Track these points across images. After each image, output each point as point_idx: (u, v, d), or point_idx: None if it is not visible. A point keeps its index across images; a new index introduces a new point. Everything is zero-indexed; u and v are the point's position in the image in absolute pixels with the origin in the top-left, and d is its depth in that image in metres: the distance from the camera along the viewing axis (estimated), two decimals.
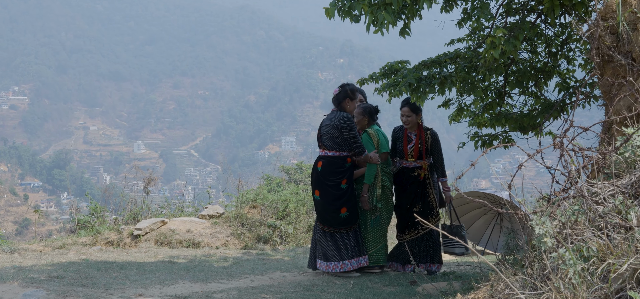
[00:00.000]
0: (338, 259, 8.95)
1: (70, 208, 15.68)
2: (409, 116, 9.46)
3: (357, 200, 9.20)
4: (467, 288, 6.22)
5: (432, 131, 9.63)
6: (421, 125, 9.56)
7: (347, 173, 9.04)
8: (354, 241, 9.04)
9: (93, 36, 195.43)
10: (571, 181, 4.62)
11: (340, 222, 8.97)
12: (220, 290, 7.81)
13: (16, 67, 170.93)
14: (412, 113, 9.44)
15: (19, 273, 8.50)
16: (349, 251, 8.99)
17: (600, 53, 5.59)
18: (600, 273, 3.87)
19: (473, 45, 9.10)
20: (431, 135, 9.58)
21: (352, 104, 9.15)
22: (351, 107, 9.15)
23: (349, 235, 9.06)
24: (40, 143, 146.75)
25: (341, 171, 8.95)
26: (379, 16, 6.97)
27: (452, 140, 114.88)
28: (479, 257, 4.65)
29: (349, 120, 8.95)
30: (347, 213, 8.97)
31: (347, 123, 8.91)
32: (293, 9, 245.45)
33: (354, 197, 9.12)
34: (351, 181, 9.08)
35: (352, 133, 8.90)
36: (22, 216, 58.06)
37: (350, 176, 9.09)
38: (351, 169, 9.11)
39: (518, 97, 9.79)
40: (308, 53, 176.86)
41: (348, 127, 8.90)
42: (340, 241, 8.99)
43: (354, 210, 9.06)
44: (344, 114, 9.00)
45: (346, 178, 9.02)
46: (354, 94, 9.14)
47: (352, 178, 9.12)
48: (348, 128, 8.90)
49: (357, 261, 9.05)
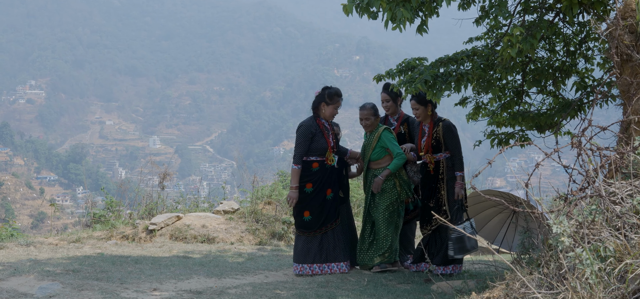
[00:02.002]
0: (299, 261, 8.90)
1: (85, 202, 15.73)
2: (416, 109, 9.07)
3: (330, 208, 8.99)
4: (482, 286, 6.20)
5: (444, 122, 9.11)
6: (433, 117, 9.12)
7: (313, 178, 8.93)
8: (318, 247, 8.89)
9: (110, 31, 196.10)
10: (589, 181, 4.59)
11: (303, 225, 8.95)
12: (234, 286, 7.82)
13: (33, 62, 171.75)
14: (420, 106, 9.01)
15: (34, 266, 8.53)
16: (311, 256, 8.87)
17: (619, 52, 5.55)
18: (618, 274, 3.85)
19: (490, 43, 9.06)
20: (443, 127, 9.06)
21: (329, 109, 9.02)
22: (328, 111, 9.03)
23: (313, 239, 8.92)
24: (56, 137, 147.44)
25: (306, 175, 8.91)
26: (397, 13, 6.95)
27: (468, 138, 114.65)
28: (494, 255, 4.64)
29: (300, 127, 9.00)
30: (309, 218, 8.90)
31: (298, 129, 9.00)
32: (310, 5, 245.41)
33: (323, 203, 8.95)
34: (319, 186, 8.93)
35: (297, 140, 8.96)
36: (38, 209, 58.28)
37: (318, 181, 8.94)
38: (319, 174, 8.95)
39: (536, 96, 9.74)
40: (324, 50, 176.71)
41: (297, 134, 9.00)
42: (304, 244, 8.93)
43: (319, 215, 8.91)
44: (302, 122, 9.07)
45: (312, 183, 8.92)
46: (332, 98, 9.00)
47: (323, 183, 8.95)
48: (297, 134, 9.00)
49: (320, 267, 8.88)
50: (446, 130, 9.02)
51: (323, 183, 8.96)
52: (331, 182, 9.04)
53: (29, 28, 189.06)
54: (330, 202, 8.99)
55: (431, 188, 9.15)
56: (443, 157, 9.04)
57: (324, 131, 9.02)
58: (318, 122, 9.04)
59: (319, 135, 8.98)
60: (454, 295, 6.53)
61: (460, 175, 9.07)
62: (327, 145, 9.00)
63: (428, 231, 9.17)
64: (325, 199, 8.96)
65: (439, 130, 9.02)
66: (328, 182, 9.00)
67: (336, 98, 9.02)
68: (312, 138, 8.97)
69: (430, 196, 9.14)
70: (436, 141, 9.03)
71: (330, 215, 8.99)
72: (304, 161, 8.94)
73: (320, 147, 8.93)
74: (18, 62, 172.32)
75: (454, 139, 9.06)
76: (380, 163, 9.20)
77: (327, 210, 8.98)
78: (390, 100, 9.65)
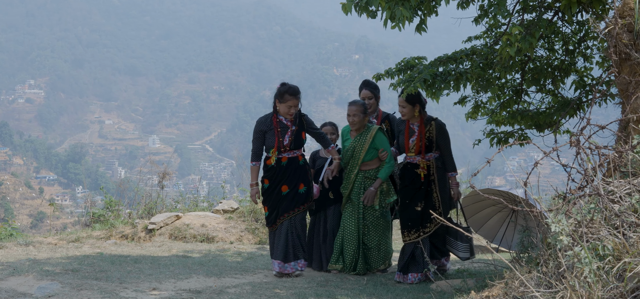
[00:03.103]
0: (272, 257, 8.90)
1: (85, 201, 15.72)
2: (403, 107, 8.67)
3: (285, 202, 8.75)
4: (481, 285, 6.20)
5: (436, 121, 8.79)
6: (423, 116, 8.73)
7: (268, 174, 8.84)
8: (273, 243, 8.81)
9: (109, 30, 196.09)
10: (587, 180, 4.60)
11: (266, 220, 8.97)
12: (234, 285, 7.82)
13: (32, 61, 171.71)
14: (407, 104, 8.64)
15: (34, 265, 8.53)
16: (272, 251, 8.86)
17: (617, 51, 5.56)
18: (616, 272, 3.85)
19: (489, 42, 9.06)
20: (436, 126, 8.72)
21: (282, 107, 8.77)
22: (281, 109, 8.79)
23: (272, 235, 8.86)
24: (55, 136, 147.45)
25: (264, 171, 8.93)
26: (396, 12, 6.95)
27: (467, 137, 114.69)
28: (493, 254, 4.65)
29: (255, 124, 8.93)
30: (267, 213, 8.87)
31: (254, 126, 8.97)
32: (309, 4, 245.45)
33: (278, 199, 8.78)
34: (275, 183, 8.79)
35: (252, 137, 8.95)
36: (37, 209, 58.36)
37: (272, 177, 8.81)
38: (273, 170, 8.81)
39: (535, 95, 9.75)
40: (324, 49, 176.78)
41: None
42: (271, 239, 8.93)
43: (274, 211, 8.79)
44: (259, 118, 9.01)
45: (268, 179, 8.85)
46: (282, 97, 8.76)
47: (279, 180, 8.78)
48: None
49: (278, 263, 8.71)
50: (439, 130, 8.75)
51: (278, 179, 8.80)
52: (288, 178, 8.80)
53: (28, 27, 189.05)
54: (285, 198, 8.76)
55: (419, 190, 8.72)
56: (432, 157, 8.74)
57: (276, 128, 8.80)
58: (273, 118, 8.84)
59: (270, 133, 8.81)
60: (454, 294, 6.53)
61: (454, 175, 8.91)
62: (274, 143, 8.78)
63: (414, 238, 8.66)
64: (280, 195, 8.78)
65: (431, 130, 8.71)
66: (283, 179, 8.80)
67: (287, 97, 8.74)
68: (265, 135, 8.84)
69: (418, 199, 8.67)
70: (428, 141, 8.72)
71: (284, 208, 8.76)
72: (265, 157, 8.90)
73: (270, 144, 8.78)
74: (17, 61, 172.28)
75: (446, 139, 8.83)
76: (372, 165, 9.03)
77: (282, 205, 8.78)
78: (372, 98, 9.48)
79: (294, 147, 8.85)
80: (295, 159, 8.88)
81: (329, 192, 9.31)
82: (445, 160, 8.79)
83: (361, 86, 9.63)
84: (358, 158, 9.00)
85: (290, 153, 8.84)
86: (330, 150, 9.14)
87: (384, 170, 8.91)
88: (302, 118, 8.97)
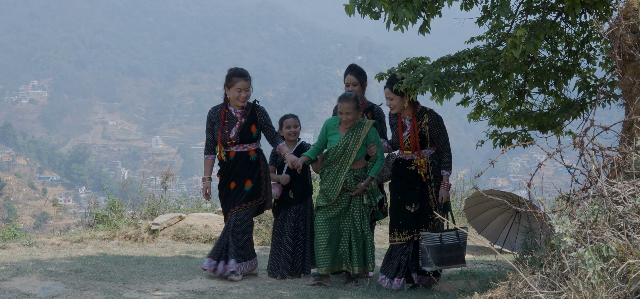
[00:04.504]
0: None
1: (88, 202, 15.76)
2: (391, 99, 8.00)
3: (232, 197, 8.22)
4: (484, 286, 6.20)
5: (431, 113, 8.06)
6: (415, 108, 8.07)
7: (220, 169, 8.38)
8: (226, 243, 8.18)
9: (112, 31, 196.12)
10: (591, 181, 4.59)
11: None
12: (237, 286, 7.82)
13: (36, 62, 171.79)
14: (395, 95, 7.97)
15: (37, 266, 8.54)
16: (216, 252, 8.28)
17: (621, 52, 5.55)
18: (620, 273, 3.85)
19: (493, 43, 9.05)
20: (430, 119, 8.01)
21: (231, 92, 8.25)
22: (231, 95, 8.27)
23: (224, 234, 8.28)
24: (59, 137, 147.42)
25: (219, 166, 8.47)
26: (399, 13, 6.95)
27: (470, 138, 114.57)
28: (497, 256, 4.65)
29: (207, 113, 8.46)
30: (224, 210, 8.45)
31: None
32: (312, 5, 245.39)
33: (227, 196, 8.29)
34: (225, 178, 8.28)
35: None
36: (41, 209, 58.34)
37: (223, 172, 8.30)
38: (223, 165, 8.32)
39: (538, 96, 9.74)
40: (326, 50, 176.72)
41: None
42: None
43: (224, 207, 8.36)
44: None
45: (220, 174, 8.39)
46: (229, 80, 8.24)
47: (228, 176, 8.25)
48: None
49: (208, 261, 8.23)
50: (434, 122, 8.03)
51: (227, 175, 8.29)
52: (235, 174, 8.25)
53: (32, 28, 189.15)
54: (232, 193, 8.23)
55: (414, 190, 8.01)
56: (428, 154, 8.05)
57: (224, 120, 8.28)
58: (223, 109, 8.34)
59: (217, 125, 8.31)
60: (457, 295, 6.53)
61: (447, 174, 8.05)
62: (222, 136, 8.27)
63: (405, 240, 8.03)
64: (229, 191, 8.26)
65: (425, 123, 8.00)
66: (232, 174, 8.26)
67: (235, 80, 8.20)
68: (214, 126, 8.35)
69: (412, 199, 7.97)
70: (421, 136, 8.01)
71: (231, 202, 8.24)
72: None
73: (216, 137, 8.29)
74: (21, 62, 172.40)
75: (443, 133, 8.08)
76: (361, 164, 8.25)
77: (230, 201, 8.28)
78: (358, 84, 8.76)
79: (241, 140, 8.26)
80: (245, 154, 8.28)
81: (288, 192, 8.76)
82: (441, 156, 8.06)
83: (346, 71, 8.95)
84: (350, 156, 8.16)
85: (239, 148, 8.27)
86: (281, 148, 8.42)
87: (375, 167, 8.16)
88: (255, 110, 8.39)
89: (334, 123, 8.31)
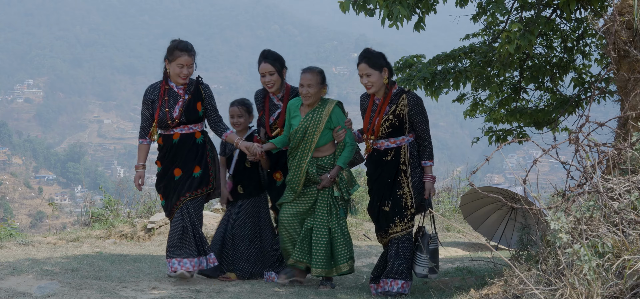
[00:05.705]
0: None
1: (84, 201, 15.74)
2: (369, 75, 6.93)
3: (177, 187, 7.38)
4: (480, 283, 6.20)
5: (409, 94, 6.99)
6: (391, 87, 7.01)
7: (160, 155, 7.55)
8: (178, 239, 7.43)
9: (108, 30, 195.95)
10: (586, 177, 4.60)
11: (163, 208, 7.77)
12: (233, 284, 7.81)
13: (31, 61, 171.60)
14: (373, 70, 6.93)
15: (33, 265, 8.52)
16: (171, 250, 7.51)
17: (616, 49, 5.56)
18: (616, 269, 3.85)
19: (488, 39, 9.07)
20: (408, 100, 6.92)
21: (172, 67, 7.39)
22: (172, 70, 7.40)
23: (173, 229, 7.51)
24: (54, 136, 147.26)
25: (158, 151, 7.63)
26: (394, 10, 6.94)
27: (466, 135, 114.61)
28: (493, 252, 4.66)
29: (144, 93, 7.51)
30: (163, 201, 7.65)
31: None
32: (307, 3, 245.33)
33: (171, 185, 7.40)
34: (167, 165, 7.44)
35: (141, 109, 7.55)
36: (36, 209, 58.27)
37: (163, 158, 7.46)
38: (164, 149, 7.44)
39: (533, 92, 9.76)
40: (322, 47, 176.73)
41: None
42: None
43: (169, 199, 7.46)
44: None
45: (159, 160, 7.56)
46: (171, 54, 7.37)
47: (170, 162, 7.40)
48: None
49: (179, 261, 7.40)
50: (414, 104, 6.93)
51: (170, 160, 7.41)
52: (181, 160, 7.39)
53: (27, 27, 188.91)
54: (177, 183, 7.39)
55: (385, 185, 7.05)
56: (405, 142, 6.99)
57: (162, 98, 7.39)
58: (162, 86, 7.45)
59: (156, 103, 7.39)
60: (453, 292, 6.53)
61: (430, 164, 7.05)
62: (161, 115, 7.34)
63: (385, 241, 7.20)
64: (173, 180, 7.38)
65: (403, 105, 6.92)
66: (176, 160, 7.39)
67: (177, 53, 7.36)
68: (152, 106, 7.41)
69: (385, 196, 7.02)
70: (398, 120, 6.94)
71: (177, 194, 7.39)
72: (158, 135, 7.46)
73: (158, 118, 7.34)
74: (16, 61, 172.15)
75: (423, 117, 6.99)
76: (326, 151, 7.33)
77: (175, 191, 7.42)
78: (274, 72, 7.86)
79: (186, 120, 7.38)
80: (191, 136, 7.42)
81: (237, 186, 8.04)
82: (420, 144, 7.03)
83: (260, 58, 7.91)
84: (310, 141, 7.24)
85: (183, 129, 7.39)
86: (228, 136, 7.59)
87: (343, 155, 7.22)
88: (200, 86, 7.59)
89: (296, 105, 7.51)
